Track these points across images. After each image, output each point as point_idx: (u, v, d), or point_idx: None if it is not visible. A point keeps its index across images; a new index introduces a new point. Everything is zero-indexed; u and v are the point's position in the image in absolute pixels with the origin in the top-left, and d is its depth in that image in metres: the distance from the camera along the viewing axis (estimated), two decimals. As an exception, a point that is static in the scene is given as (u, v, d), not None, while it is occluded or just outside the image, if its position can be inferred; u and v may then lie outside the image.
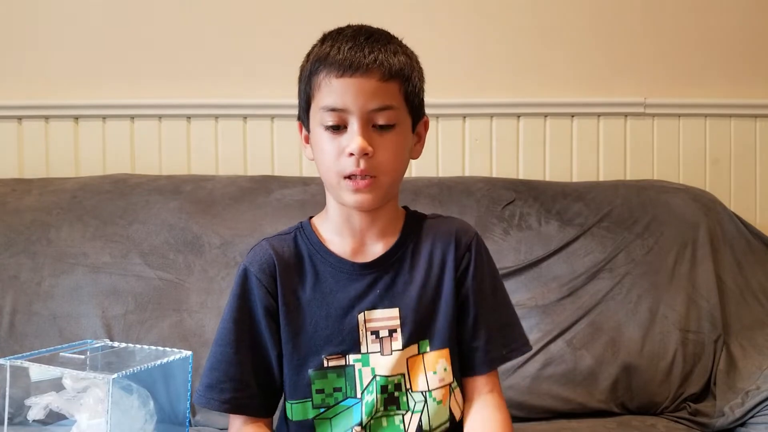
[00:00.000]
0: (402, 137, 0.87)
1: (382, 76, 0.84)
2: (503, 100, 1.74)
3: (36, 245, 1.42)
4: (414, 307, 0.89)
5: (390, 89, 0.85)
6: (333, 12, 1.72)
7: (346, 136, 0.84)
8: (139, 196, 1.49)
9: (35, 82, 1.72)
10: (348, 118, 0.84)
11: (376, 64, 0.83)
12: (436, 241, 0.93)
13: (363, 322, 0.88)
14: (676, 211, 1.53)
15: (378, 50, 0.84)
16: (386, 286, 0.90)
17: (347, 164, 0.84)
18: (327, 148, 0.85)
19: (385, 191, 0.87)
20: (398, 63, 0.85)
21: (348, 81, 0.83)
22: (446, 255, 0.92)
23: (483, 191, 1.53)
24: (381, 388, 0.87)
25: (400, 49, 0.88)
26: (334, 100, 0.84)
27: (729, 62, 1.78)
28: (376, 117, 0.84)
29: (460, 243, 0.93)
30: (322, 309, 0.89)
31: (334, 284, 0.90)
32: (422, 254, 0.93)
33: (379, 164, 0.84)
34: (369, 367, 0.88)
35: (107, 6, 1.71)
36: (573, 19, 1.76)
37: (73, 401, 0.84)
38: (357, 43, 0.85)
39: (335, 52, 0.84)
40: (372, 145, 0.83)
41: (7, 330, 1.36)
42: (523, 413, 1.35)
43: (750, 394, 1.27)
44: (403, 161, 0.89)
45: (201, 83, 1.72)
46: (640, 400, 1.38)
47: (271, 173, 1.67)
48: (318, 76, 0.85)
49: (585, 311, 1.42)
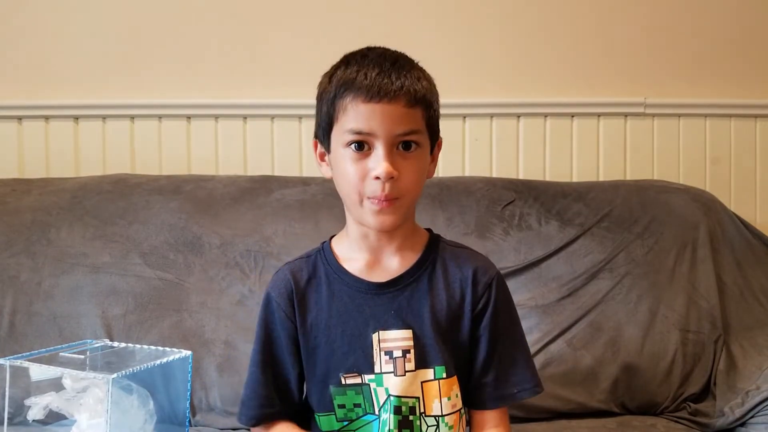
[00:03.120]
0: (423, 160, 0.90)
1: (408, 102, 0.86)
2: (503, 100, 1.74)
3: (36, 245, 1.42)
4: (428, 329, 0.91)
5: (415, 115, 0.87)
6: (333, 12, 1.73)
7: (372, 159, 0.86)
8: (139, 196, 1.49)
9: (35, 82, 1.72)
10: (374, 142, 0.86)
11: (403, 90, 0.86)
12: (457, 272, 0.95)
13: (377, 341, 0.90)
14: (676, 211, 1.53)
15: (404, 77, 0.87)
16: (401, 306, 0.92)
17: (373, 187, 0.86)
18: (350, 170, 0.87)
19: (405, 212, 0.90)
20: (422, 89, 0.88)
21: (375, 106, 0.85)
22: (465, 289, 0.94)
23: (483, 191, 1.53)
24: (395, 408, 0.89)
25: (422, 75, 0.91)
26: (361, 124, 0.86)
27: (729, 62, 1.78)
28: (400, 141, 0.87)
29: (480, 282, 0.94)
30: (338, 328, 0.92)
31: (350, 303, 0.93)
32: (440, 280, 0.94)
33: (402, 187, 0.87)
34: (383, 387, 0.90)
35: (107, 6, 1.71)
36: (573, 19, 1.76)
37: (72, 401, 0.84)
38: (383, 69, 0.87)
39: (362, 78, 0.86)
40: (396, 169, 0.86)
41: (7, 330, 1.36)
42: (523, 413, 1.35)
43: (750, 394, 1.27)
44: (423, 182, 0.92)
45: (201, 83, 1.72)
46: (640, 400, 1.38)
47: (271, 173, 1.67)
48: (344, 100, 0.87)
49: (585, 311, 1.42)
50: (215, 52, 1.72)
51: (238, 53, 1.73)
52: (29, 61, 1.71)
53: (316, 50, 1.70)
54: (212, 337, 1.36)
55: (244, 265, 1.41)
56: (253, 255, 1.42)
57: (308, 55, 1.71)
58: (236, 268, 1.42)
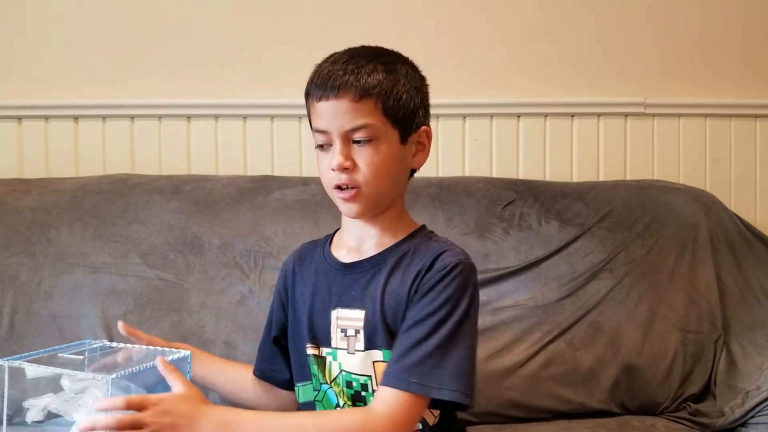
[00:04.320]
0: (382, 151, 0.91)
1: (354, 96, 0.89)
2: (503, 100, 1.74)
3: (36, 245, 1.42)
4: (378, 313, 0.92)
5: (363, 108, 0.90)
6: (334, 13, 1.73)
7: (330, 153, 0.92)
8: (139, 196, 1.49)
9: (35, 82, 1.71)
10: (331, 138, 0.91)
11: (348, 85, 0.89)
12: (421, 260, 0.93)
13: (335, 318, 0.95)
14: (676, 211, 1.53)
15: (350, 72, 0.90)
16: (362, 288, 0.95)
17: (333, 177, 0.92)
18: (321, 166, 0.95)
19: (372, 201, 0.93)
20: (373, 80, 0.90)
21: (325, 104, 0.91)
22: (419, 274, 0.92)
23: (483, 191, 1.53)
24: (346, 383, 0.94)
25: (381, 66, 0.92)
26: (318, 122, 0.92)
27: (729, 62, 1.78)
28: (353, 135, 0.91)
29: (434, 267, 0.91)
30: (311, 301, 0.99)
31: (323, 280, 0.99)
32: (403, 267, 0.94)
33: (359, 177, 0.91)
34: (337, 362, 0.95)
35: (108, 6, 1.71)
36: (573, 19, 1.76)
37: (71, 402, 0.84)
38: (335, 67, 0.91)
39: (316, 78, 0.93)
40: (353, 160, 0.91)
41: (7, 330, 1.36)
42: (523, 413, 1.36)
43: (750, 394, 1.27)
44: (388, 173, 0.93)
45: (201, 83, 1.72)
46: (640, 400, 1.38)
47: (271, 173, 1.67)
48: (309, 101, 0.95)
49: (585, 311, 1.42)
50: (215, 52, 1.72)
51: (238, 53, 1.73)
52: (29, 61, 1.71)
53: (316, 50, 1.70)
54: (212, 337, 1.36)
55: (244, 265, 1.41)
56: (253, 255, 1.42)
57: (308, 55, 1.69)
58: (236, 268, 1.42)
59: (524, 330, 1.39)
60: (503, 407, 1.35)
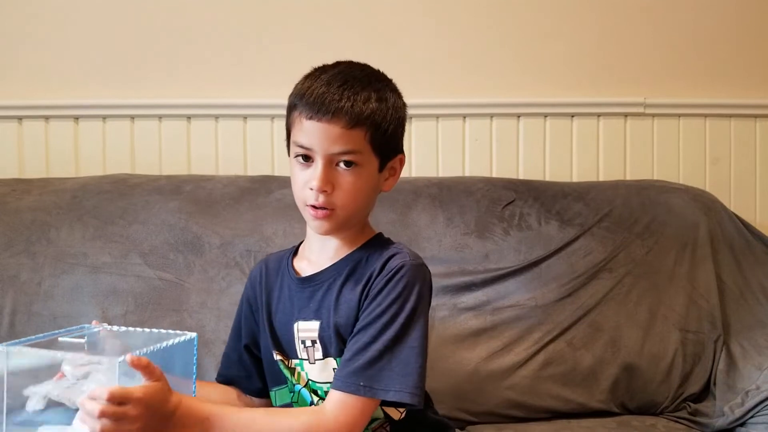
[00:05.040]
0: (363, 177, 0.93)
1: (347, 123, 0.89)
2: (503, 100, 1.74)
3: (36, 245, 1.42)
4: (331, 322, 0.94)
5: (354, 136, 0.90)
6: (333, 13, 1.73)
7: (311, 171, 0.92)
8: (139, 196, 1.49)
9: (35, 82, 1.71)
10: (314, 156, 0.91)
11: (343, 111, 0.89)
12: (371, 266, 0.95)
13: (297, 331, 0.98)
14: (676, 211, 1.53)
15: (347, 98, 0.90)
16: (318, 300, 0.97)
17: (309, 196, 0.92)
18: (297, 178, 0.94)
19: (343, 221, 0.95)
20: (367, 110, 0.90)
21: (315, 124, 0.90)
22: (370, 278, 0.93)
23: (483, 191, 1.53)
24: (313, 390, 0.98)
25: (375, 95, 0.92)
26: (303, 138, 0.91)
27: (729, 62, 1.78)
28: (338, 158, 0.91)
29: (384, 269, 0.93)
30: (277, 314, 1.02)
31: (287, 294, 1.01)
32: (356, 275, 0.95)
33: (336, 200, 0.92)
34: (304, 371, 0.98)
35: (107, 6, 1.71)
36: (573, 19, 1.76)
37: (74, 388, 0.80)
38: (330, 88, 0.90)
39: (309, 94, 0.91)
40: (333, 182, 0.91)
41: (7, 330, 1.36)
42: (523, 413, 1.36)
43: (750, 394, 1.27)
44: (364, 197, 0.95)
45: (201, 83, 1.72)
46: (640, 400, 1.38)
47: (271, 173, 1.67)
48: (294, 112, 0.94)
49: (585, 311, 1.42)
50: (215, 52, 1.72)
51: (238, 53, 1.73)
52: (29, 61, 1.71)
53: (316, 50, 1.71)
54: (212, 337, 1.36)
55: (244, 265, 1.41)
56: (253, 255, 1.42)
57: (308, 56, 1.68)
58: (236, 268, 1.42)
59: (524, 330, 1.39)
60: (503, 407, 1.35)
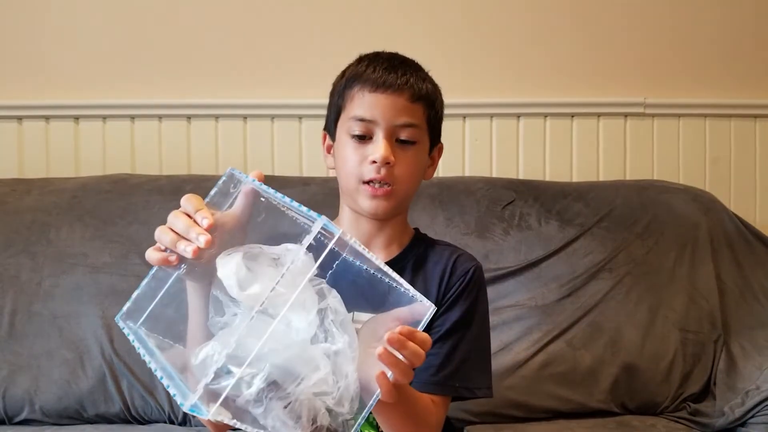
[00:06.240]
0: (420, 155, 0.96)
1: (411, 96, 0.93)
2: (503, 100, 1.74)
3: (36, 245, 1.42)
4: None
5: (416, 110, 0.93)
6: (333, 13, 1.73)
7: (371, 146, 0.92)
8: (139, 196, 1.49)
9: (35, 82, 1.71)
10: (374, 130, 0.92)
11: (407, 85, 0.93)
12: (437, 266, 0.97)
13: None
14: (676, 211, 1.53)
15: (410, 74, 0.94)
16: None
17: (368, 170, 0.91)
18: (350, 155, 0.93)
19: (399, 201, 0.95)
20: (426, 88, 0.95)
21: (380, 96, 0.92)
22: (442, 280, 0.95)
23: (483, 191, 1.53)
24: None
25: (428, 78, 0.98)
26: (364, 111, 0.92)
27: (729, 62, 1.78)
28: (400, 132, 0.92)
29: (457, 270, 0.96)
30: None
31: None
32: (420, 274, 0.97)
33: (397, 175, 0.92)
34: None
35: (108, 6, 1.71)
36: (573, 19, 1.76)
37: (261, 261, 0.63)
38: (392, 65, 0.94)
39: (371, 71, 0.94)
40: (393, 157, 0.91)
41: (7, 330, 1.36)
42: (523, 413, 1.36)
43: (750, 394, 1.27)
44: (418, 178, 0.97)
45: (201, 83, 1.72)
46: (640, 400, 1.38)
47: (271, 173, 1.67)
48: (352, 90, 0.94)
49: (585, 311, 1.42)
50: (215, 52, 1.72)
51: (238, 53, 1.72)
52: (29, 61, 1.71)
53: (316, 51, 1.71)
54: (212, 337, 1.36)
55: (244, 265, 1.41)
56: (253, 255, 1.42)
57: (308, 56, 1.71)
58: (236, 268, 1.41)
59: (524, 330, 1.40)
60: (503, 407, 1.35)
